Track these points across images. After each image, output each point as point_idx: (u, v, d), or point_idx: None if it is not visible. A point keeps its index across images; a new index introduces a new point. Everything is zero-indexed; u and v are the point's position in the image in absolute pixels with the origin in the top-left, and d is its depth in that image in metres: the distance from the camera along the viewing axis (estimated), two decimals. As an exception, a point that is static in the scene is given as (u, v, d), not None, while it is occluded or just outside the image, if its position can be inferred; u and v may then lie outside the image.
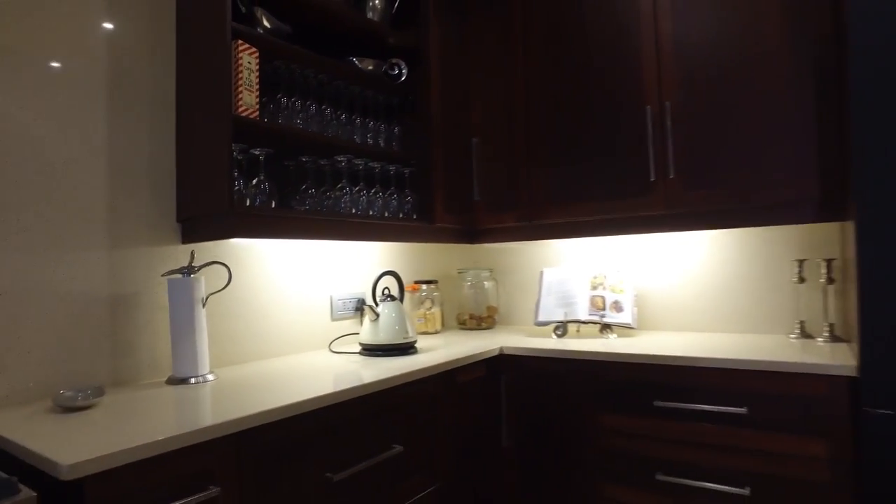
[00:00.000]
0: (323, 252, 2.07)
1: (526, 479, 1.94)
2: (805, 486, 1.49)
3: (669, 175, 1.90)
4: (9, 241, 1.28)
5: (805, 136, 1.70)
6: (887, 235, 1.33)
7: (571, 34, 2.12)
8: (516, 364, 1.97)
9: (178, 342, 1.50)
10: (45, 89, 1.36)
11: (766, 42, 1.76)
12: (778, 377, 1.52)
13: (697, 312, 2.15)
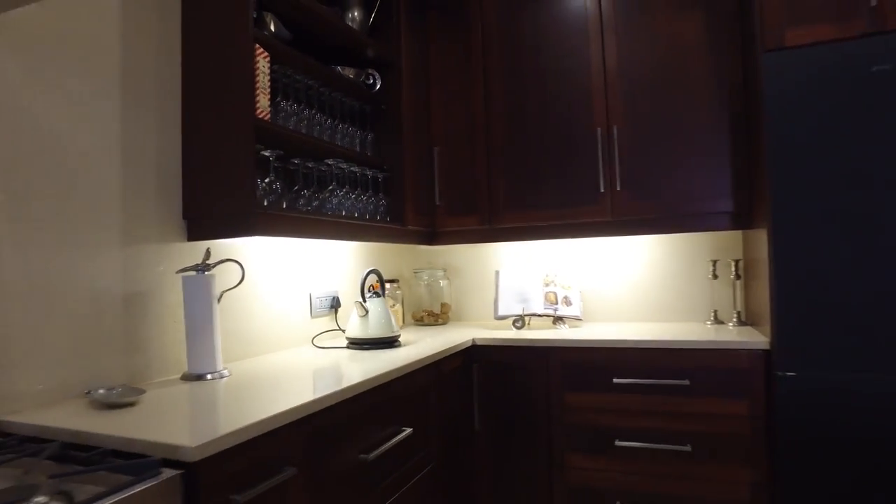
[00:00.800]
0: (299, 251, 2.12)
1: (497, 457, 2.16)
2: (732, 439, 1.87)
3: (617, 188, 2.23)
4: (30, 237, 1.23)
5: (722, 163, 2.11)
6: (792, 242, 1.74)
7: (529, 60, 2.39)
8: (487, 353, 2.18)
9: (194, 339, 1.51)
10: (64, 84, 1.32)
11: (692, 79, 2.16)
12: (712, 354, 1.89)
13: (633, 305, 2.52)
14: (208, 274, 1.53)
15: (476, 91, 2.48)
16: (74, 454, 0.95)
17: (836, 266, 1.71)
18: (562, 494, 2.08)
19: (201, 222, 1.61)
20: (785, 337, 1.76)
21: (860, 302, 1.69)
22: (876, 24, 1.71)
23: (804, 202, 1.74)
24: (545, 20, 2.38)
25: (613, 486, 2.01)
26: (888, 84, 1.68)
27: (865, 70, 1.70)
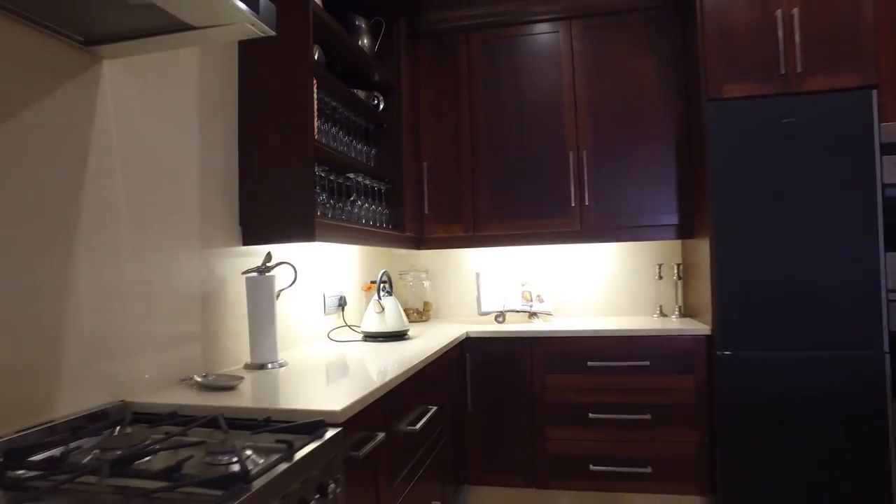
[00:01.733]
0: (313, 255, 2.33)
1: (487, 433, 2.49)
2: (682, 408, 2.33)
3: (585, 202, 2.65)
4: (142, 243, 1.39)
5: (669, 184, 2.59)
6: (728, 249, 2.22)
7: (509, 89, 2.75)
8: (478, 344, 2.51)
9: (258, 333, 1.71)
10: (163, 107, 1.49)
11: (646, 112, 2.62)
12: (667, 339, 2.34)
13: (594, 301, 2.94)
14: (269, 275, 1.74)
15: (462, 114, 2.81)
16: (231, 423, 1.16)
17: (759, 268, 2.21)
18: (543, 462, 2.45)
19: (257, 228, 1.80)
20: (723, 324, 2.24)
21: (777, 296, 2.20)
22: (785, 87, 2.24)
23: (736, 217, 2.23)
24: (524, 55, 2.75)
25: (587, 452, 2.41)
26: (793, 132, 2.21)
27: (778, 121, 2.23)
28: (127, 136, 1.36)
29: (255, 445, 1.03)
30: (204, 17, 1.09)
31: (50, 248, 1.14)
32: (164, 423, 1.17)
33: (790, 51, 2.24)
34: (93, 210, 1.25)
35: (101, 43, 1.21)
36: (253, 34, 1.16)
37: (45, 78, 1.15)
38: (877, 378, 2.13)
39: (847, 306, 2.16)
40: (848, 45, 2.21)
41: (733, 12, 2.30)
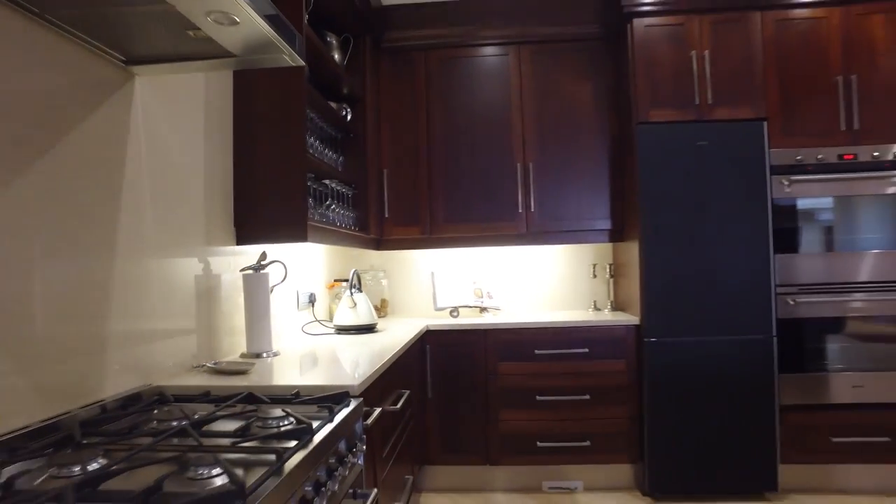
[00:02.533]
0: (287, 255, 2.48)
1: (445, 416, 2.74)
2: (616, 388, 2.69)
3: (531, 209, 2.97)
4: (163, 240, 1.52)
5: (603, 194, 2.96)
6: (653, 251, 2.61)
7: (464, 103, 3.02)
8: (437, 336, 2.75)
9: (254, 324, 1.87)
10: (180, 120, 1.62)
11: (584, 130, 2.98)
12: (603, 329, 2.70)
13: (537, 297, 3.27)
14: (264, 272, 1.90)
15: (420, 125, 3.04)
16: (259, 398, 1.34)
17: (678, 267, 2.61)
18: (495, 441, 2.73)
19: (251, 230, 1.95)
20: (649, 315, 2.62)
21: (692, 291, 2.61)
22: (698, 115, 2.67)
23: (660, 223, 2.62)
24: (477, 73, 3.03)
25: (535, 431, 2.72)
26: (705, 153, 2.63)
27: (693, 143, 2.64)
28: (152, 145, 1.49)
29: (301, 412, 1.22)
30: (249, 49, 1.27)
31: (97, 245, 1.27)
32: (200, 402, 1.33)
33: (703, 85, 2.67)
34: (128, 211, 1.38)
35: (141, 63, 1.35)
36: (286, 63, 1.35)
37: (93, 93, 1.27)
38: (767, 356, 2.59)
39: (746, 299, 2.61)
40: (746, 84, 2.66)
41: (658, 50, 2.70)
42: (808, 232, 2.64)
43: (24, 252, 1.07)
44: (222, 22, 1.12)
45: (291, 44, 1.29)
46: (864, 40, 2.67)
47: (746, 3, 2.68)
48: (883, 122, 2.64)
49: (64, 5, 1.06)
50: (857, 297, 2.63)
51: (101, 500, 0.77)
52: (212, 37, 1.19)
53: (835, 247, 2.64)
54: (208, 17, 1.10)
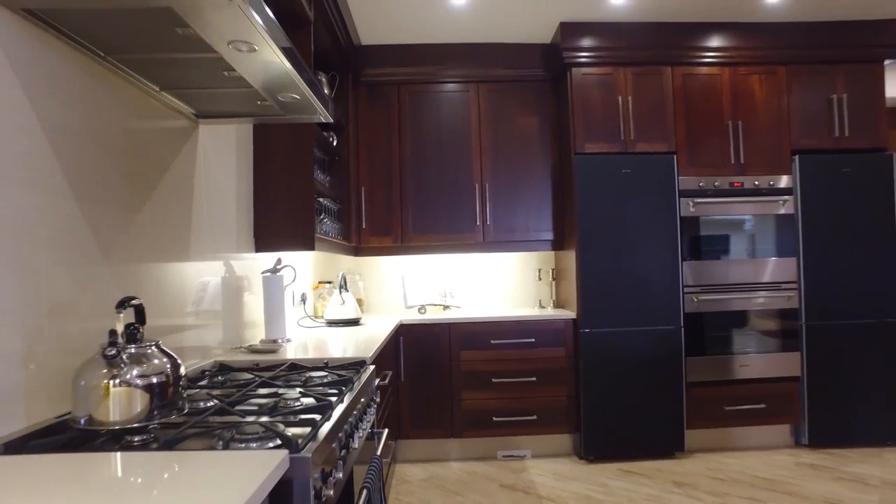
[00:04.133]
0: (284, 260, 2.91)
1: (416, 397, 3.23)
2: (556, 371, 3.27)
3: (487, 222, 3.51)
4: (213, 246, 1.95)
5: (546, 210, 3.55)
6: (587, 259, 3.21)
7: (431, 131, 3.54)
8: (409, 329, 3.24)
9: (272, 316, 2.30)
10: (222, 154, 2.06)
11: (531, 156, 3.56)
12: (546, 322, 3.27)
13: (492, 296, 3.81)
14: (279, 274, 2.34)
15: (393, 149, 3.54)
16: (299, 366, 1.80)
17: (607, 271, 3.22)
18: (458, 417, 3.25)
19: (267, 239, 2.39)
20: (584, 311, 3.21)
21: (618, 291, 3.22)
22: (623, 148, 3.29)
23: (593, 236, 3.22)
24: (442, 105, 3.56)
25: (491, 408, 3.25)
26: (628, 179, 3.25)
27: (620, 170, 3.26)
28: (207, 176, 1.92)
29: (336, 374, 1.69)
30: (297, 110, 1.73)
31: (181, 252, 1.71)
32: (255, 371, 1.77)
33: (627, 124, 3.30)
34: (197, 228, 1.82)
35: (207, 118, 1.79)
36: (320, 120, 1.82)
37: (177, 138, 1.71)
38: (677, 343, 3.24)
39: (661, 296, 3.25)
40: (660, 124, 3.31)
41: (591, 93, 3.31)
42: (707, 243, 3.31)
43: (141, 259, 1.51)
44: (286, 98, 1.59)
45: (326, 106, 1.77)
46: (747, 94, 3.37)
47: (660, 60, 3.33)
48: (760, 158, 3.36)
49: (154, 71, 1.50)
50: (744, 295, 3.31)
51: (246, 408, 1.22)
52: (273, 103, 1.65)
53: (728, 255, 3.32)
54: (279, 96, 1.56)
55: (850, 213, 3.35)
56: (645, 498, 2.71)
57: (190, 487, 0.76)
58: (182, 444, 1.00)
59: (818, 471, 2.98)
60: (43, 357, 1.13)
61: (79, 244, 1.24)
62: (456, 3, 3.05)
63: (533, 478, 3.01)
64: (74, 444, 1.02)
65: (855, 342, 3.31)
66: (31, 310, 1.10)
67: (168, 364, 1.12)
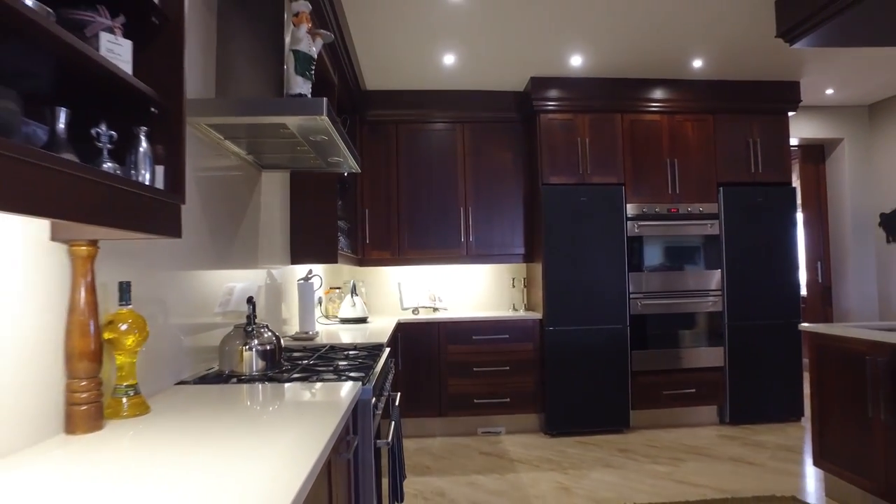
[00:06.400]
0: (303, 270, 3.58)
1: (410, 383, 3.92)
2: (526, 362, 3.99)
3: (470, 239, 4.23)
4: (263, 258, 2.62)
5: (519, 229, 4.28)
6: (552, 270, 3.95)
7: (424, 162, 4.25)
8: (406, 327, 3.94)
9: (305, 314, 2.98)
10: (272, 192, 2.73)
11: (507, 184, 4.29)
12: (518, 322, 3.99)
13: (474, 300, 4.52)
14: (310, 281, 3.02)
15: (391, 177, 4.24)
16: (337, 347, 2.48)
17: (568, 280, 3.96)
18: (445, 400, 3.94)
19: (300, 254, 3.07)
20: (549, 312, 3.94)
21: (577, 296, 3.96)
22: (581, 180, 4.05)
23: (557, 251, 3.96)
24: (434, 141, 4.28)
25: (472, 392, 3.96)
26: (586, 205, 4.00)
27: (578, 198, 4.01)
28: (265, 207, 2.61)
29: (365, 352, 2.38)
30: (337, 165, 2.43)
31: (251, 262, 2.38)
32: (304, 350, 2.45)
33: (584, 160, 4.05)
34: (260, 244, 2.50)
35: (268, 168, 2.48)
36: (350, 171, 2.52)
37: (250, 182, 2.39)
38: (624, 339, 3.98)
39: (612, 301, 3.99)
40: (611, 160, 4.08)
41: (556, 134, 4.06)
42: (649, 258, 4.07)
43: (235, 266, 2.19)
44: (333, 159, 2.28)
45: (356, 160, 2.47)
46: (682, 137, 4.16)
47: (612, 108, 4.10)
48: (692, 189, 4.14)
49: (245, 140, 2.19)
50: (679, 300, 4.08)
51: (331, 365, 1.89)
52: (321, 162, 2.34)
53: (665, 268, 4.08)
54: (328, 158, 2.26)
55: (762, 235, 4.14)
56: (593, 459, 3.44)
57: (311, 399, 1.46)
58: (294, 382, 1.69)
59: (732, 440, 3.74)
60: (194, 330, 1.81)
61: (208, 258, 1.92)
62: (446, 61, 3.77)
63: (506, 447, 3.72)
64: (224, 381, 1.70)
65: (766, 339, 4.10)
66: (188, 302, 1.78)
67: (274, 338, 1.81)
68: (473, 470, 3.32)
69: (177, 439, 1.06)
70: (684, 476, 3.14)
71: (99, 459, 0.95)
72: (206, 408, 1.32)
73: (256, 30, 1.88)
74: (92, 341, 1.10)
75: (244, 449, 0.98)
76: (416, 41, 3.44)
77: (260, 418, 1.22)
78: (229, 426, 1.14)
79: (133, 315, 1.24)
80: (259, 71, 1.89)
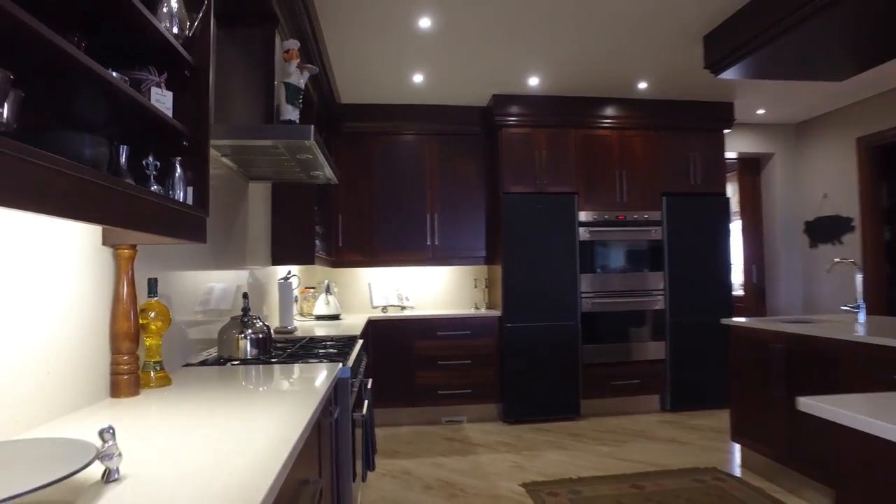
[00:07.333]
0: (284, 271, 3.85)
1: (380, 376, 4.23)
2: (486, 356, 4.35)
3: (436, 243, 4.57)
4: (248, 261, 2.90)
5: (481, 234, 4.64)
6: (510, 271, 4.32)
7: (396, 171, 4.57)
8: (376, 324, 4.25)
9: (284, 310, 3.27)
10: (255, 203, 3.01)
11: (470, 192, 4.64)
12: (479, 318, 4.35)
13: (440, 300, 4.86)
14: (289, 280, 3.31)
15: (364, 185, 4.55)
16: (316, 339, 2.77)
17: (525, 281, 4.33)
18: (413, 391, 4.26)
19: (280, 256, 3.35)
20: (507, 310, 4.31)
21: (534, 295, 4.33)
22: (538, 189, 4.43)
23: (515, 254, 4.33)
24: (404, 151, 4.60)
25: (437, 384, 4.29)
26: (542, 214, 4.39)
27: (535, 206, 4.39)
28: (251, 213, 2.89)
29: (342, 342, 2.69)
30: (318, 177, 2.73)
31: (239, 262, 2.67)
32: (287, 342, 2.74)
33: (541, 171, 4.44)
34: (247, 246, 2.78)
35: (254, 179, 2.76)
36: (329, 182, 2.82)
37: (241, 192, 2.67)
38: (575, 334, 4.38)
39: (565, 300, 4.38)
40: (565, 171, 4.47)
41: (516, 147, 4.43)
42: (599, 260, 4.48)
43: (229, 267, 2.47)
44: (315, 172, 2.59)
45: (335, 172, 2.77)
46: (630, 150, 4.59)
47: (566, 124, 4.49)
48: (638, 198, 4.57)
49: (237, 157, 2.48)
50: (626, 299, 4.49)
51: (306, 358, 2.19)
52: (304, 175, 2.64)
53: (614, 269, 4.50)
54: (311, 172, 2.56)
55: (700, 240, 4.60)
56: (546, 442, 3.81)
57: (300, 376, 1.77)
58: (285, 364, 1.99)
59: (670, 424, 4.17)
60: (196, 322, 2.09)
61: (205, 260, 2.20)
62: (416, 79, 4.10)
63: (468, 434, 4.06)
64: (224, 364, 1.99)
65: (702, 335, 4.55)
66: (193, 296, 2.06)
67: (265, 328, 2.11)
68: (438, 453, 3.65)
69: (202, 402, 1.36)
70: (625, 454, 3.54)
71: (146, 414, 1.25)
72: (217, 382, 1.61)
73: (249, 63, 2.17)
74: (132, 325, 1.39)
75: (255, 410, 1.29)
76: (389, 61, 3.76)
77: (263, 390, 1.52)
78: (239, 395, 1.45)
79: (160, 305, 1.53)
80: (251, 98, 2.19)
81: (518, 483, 3.10)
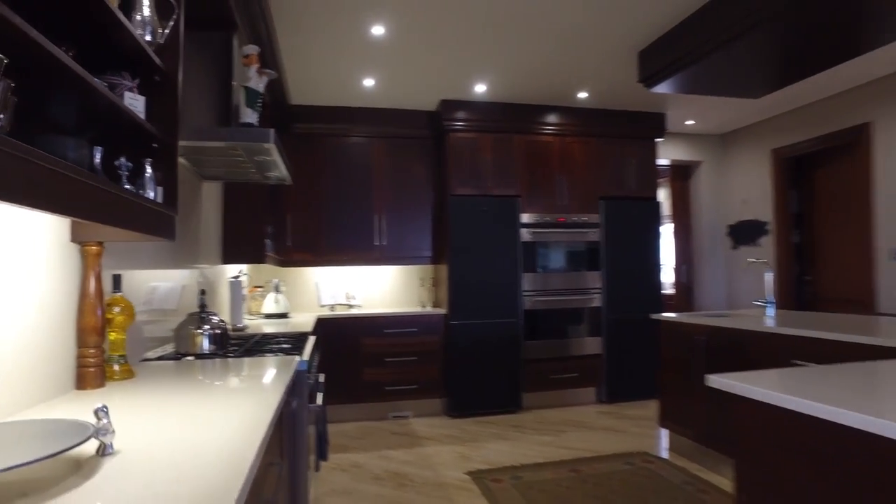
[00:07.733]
0: (234, 269, 3.86)
1: (329, 374, 4.29)
2: (432, 352, 4.49)
3: (384, 243, 4.67)
4: (192, 260, 2.92)
5: (427, 233, 4.78)
6: (457, 270, 4.48)
7: (346, 172, 4.64)
8: (325, 323, 4.31)
9: (235, 308, 3.29)
10: (209, 200, 3.03)
11: (419, 193, 4.77)
12: (425, 316, 4.48)
13: (387, 298, 4.96)
14: (240, 279, 3.33)
15: (313, 186, 4.59)
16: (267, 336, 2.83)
17: (470, 280, 4.50)
18: (361, 388, 4.35)
19: (230, 255, 3.36)
20: (453, 308, 4.47)
21: (478, 293, 4.51)
22: (484, 192, 4.61)
23: (460, 254, 4.49)
24: (354, 153, 4.68)
25: (384, 380, 4.39)
26: (487, 216, 4.57)
27: (480, 208, 4.57)
28: (206, 211, 2.91)
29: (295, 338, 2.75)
30: (273, 178, 2.79)
31: (192, 261, 2.69)
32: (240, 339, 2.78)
33: (486, 174, 4.62)
34: (199, 244, 2.80)
35: (207, 179, 2.79)
36: (283, 183, 2.88)
37: (194, 191, 2.69)
38: (517, 331, 4.59)
39: (507, 298, 4.58)
40: (509, 175, 4.68)
41: (463, 151, 4.59)
42: (540, 260, 4.71)
43: (184, 265, 2.49)
44: (270, 173, 2.65)
45: (290, 174, 2.84)
46: (570, 156, 4.85)
47: (511, 130, 4.70)
48: (578, 202, 4.83)
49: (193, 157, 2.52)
50: (565, 297, 4.74)
51: (262, 353, 2.25)
52: (259, 176, 2.69)
53: (554, 269, 4.74)
54: (266, 173, 2.62)
55: (634, 242, 4.92)
56: (489, 434, 3.99)
57: (260, 369, 1.85)
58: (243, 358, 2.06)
59: (606, 414, 4.45)
60: (153, 318, 2.13)
61: (162, 258, 2.23)
62: (366, 83, 4.19)
63: (414, 428, 4.19)
64: (180, 358, 2.04)
65: (635, 330, 4.87)
66: (147, 294, 2.10)
67: (222, 323, 2.17)
68: (386, 446, 3.76)
69: (168, 392, 1.43)
70: (564, 443, 3.76)
71: (117, 404, 1.31)
72: (179, 376, 1.67)
73: (207, 66, 2.22)
74: (99, 319, 1.44)
75: (223, 399, 1.37)
76: (341, 65, 3.83)
77: (225, 381, 1.60)
78: (203, 386, 1.52)
79: (124, 300, 1.57)
80: (208, 100, 2.23)
81: (463, 472, 3.25)
